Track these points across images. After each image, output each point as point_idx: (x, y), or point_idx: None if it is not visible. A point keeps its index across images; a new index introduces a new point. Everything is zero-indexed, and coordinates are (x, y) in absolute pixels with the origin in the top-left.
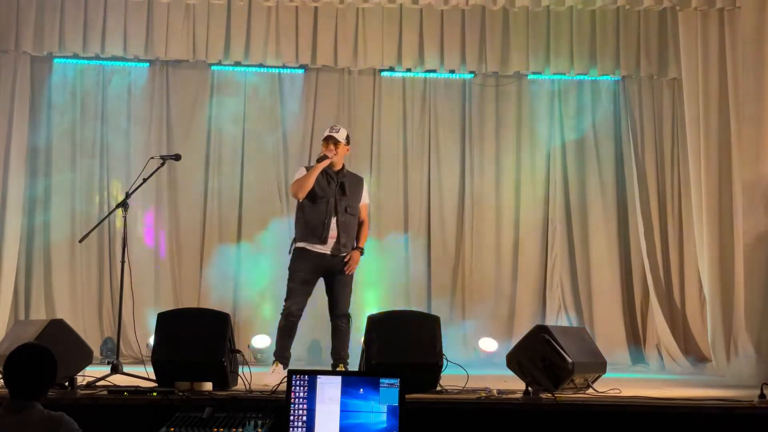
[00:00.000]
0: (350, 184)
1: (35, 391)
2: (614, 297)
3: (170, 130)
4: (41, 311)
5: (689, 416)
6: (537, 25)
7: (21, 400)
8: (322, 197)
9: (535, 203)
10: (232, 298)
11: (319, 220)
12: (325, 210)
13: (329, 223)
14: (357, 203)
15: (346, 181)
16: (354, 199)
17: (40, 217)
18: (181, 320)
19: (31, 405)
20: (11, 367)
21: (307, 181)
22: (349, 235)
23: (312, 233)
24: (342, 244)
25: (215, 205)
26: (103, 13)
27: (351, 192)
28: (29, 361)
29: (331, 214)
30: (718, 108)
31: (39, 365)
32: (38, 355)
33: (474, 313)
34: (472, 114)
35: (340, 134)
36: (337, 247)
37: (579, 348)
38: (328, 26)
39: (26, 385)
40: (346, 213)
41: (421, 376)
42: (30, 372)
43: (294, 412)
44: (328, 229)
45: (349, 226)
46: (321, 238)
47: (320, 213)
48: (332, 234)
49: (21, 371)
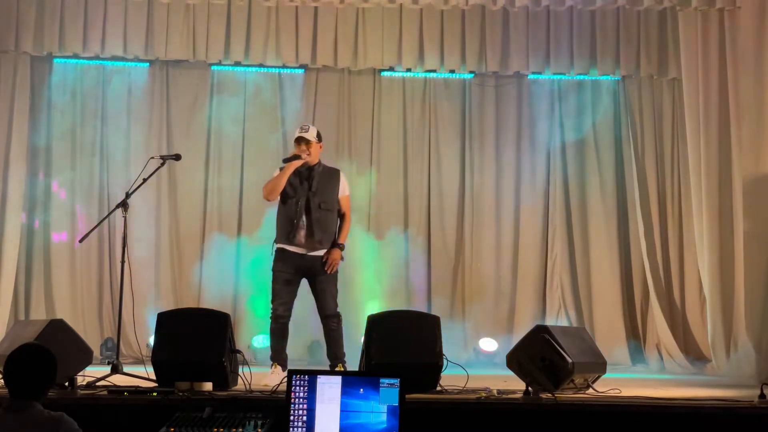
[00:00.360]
0: (322, 179)
1: (35, 391)
2: (614, 297)
3: (170, 130)
4: (41, 311)
5: (689, 416)
6: (537, 25)
7: (21, 400)
8: (292, 197)
9: (535, 203)
10: (232, 298)
11: (289, 221)
12: (294, 210)
13: (298, 223)
14: (333, 197)
15: (317, 176)
16: (328, 193)
17: (40, 216)
18: (181, 320)
19: (30, 405)
20: (11, 367)
21: (278, 183)
22: (326, 231)
23: (284, 234)
24: (318, 240)
25: (215, 205)
26: (103, 13)
27: (323, 187)
28: (29, 361)
29: (301, 214)
30: (718, 108)
31: (39, 365)
32: (38, 355)
33: (474, 313)
34: (472, 114)
35: (310, 133)
36: (312, 245)
37: (579, 348)
38: (328, 26)
39: (26, 385)
40: (321, 209)
41: (421, 376)
42: (30, 372)
43: (294, 412)
44: (297, 228)
45: (324, 222)
46: (289, 239)
47: (290, 213)
48: (303, 234)
49: (21, 371)
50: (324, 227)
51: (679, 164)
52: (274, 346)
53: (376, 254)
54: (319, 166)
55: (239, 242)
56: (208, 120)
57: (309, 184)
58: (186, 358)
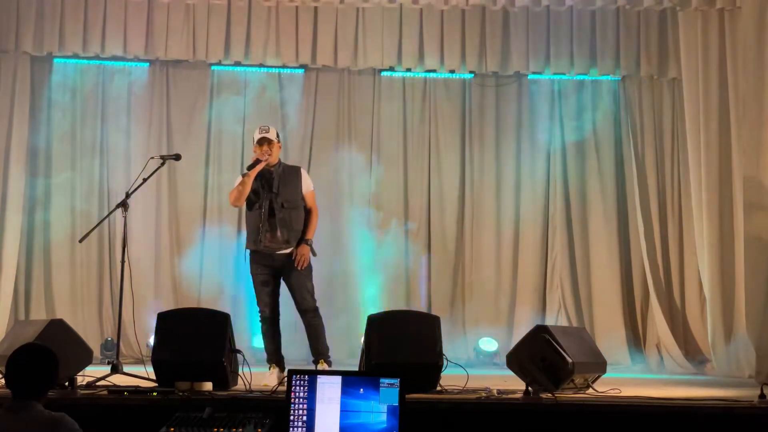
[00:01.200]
0: (282, 179)
1: (36, 391)
2: (614, 297)
3: (170, 130)
4: (41, 311)
5: (689, 416)
6: (537, 25)
7: (22, 401)
8: (255, 202)
9: (535, 203)
10: (232, 298)
11: (254, 226)
12: (258, 214)
13: (264, 226)
14: (295, 195)
15: (277, 177)
16: (290, 192)
17: (40, 216)
18: (181, 320)
19: (31, 405)
20: (13, 367)
21: (243, 190)
22: (291, 229)
23: (251, 238)
24: (285, 240)
25: (215, 205)
26: (103, 13)
27: (285, 186)
28: (30, 361)
29: (264, 217)
30: (718, 108)
31: (40, 365)
32: (40, 355)
33: (474, 313)
34: (472, 114)
35: (271, 133)
36: (279, 245)
37: (579, 348)
38: (328, 26)
39: (27, 385)
40: (284, 208)
41: (421, 376)
42: (31, 372)
43: (294, 412)
44: (263, 232)
45: (289, 221)
46: (256, 242)
47: (254, 218)
48: (268, 236)
49: (22, 371)
50: (289, 226)
51: (679, 164)
52: (268, 348)
53: (376, 254)
54: (279, 166)
55: (239, 242)
56: (208, 120)
57: (270, 185)
58: (186, 358)
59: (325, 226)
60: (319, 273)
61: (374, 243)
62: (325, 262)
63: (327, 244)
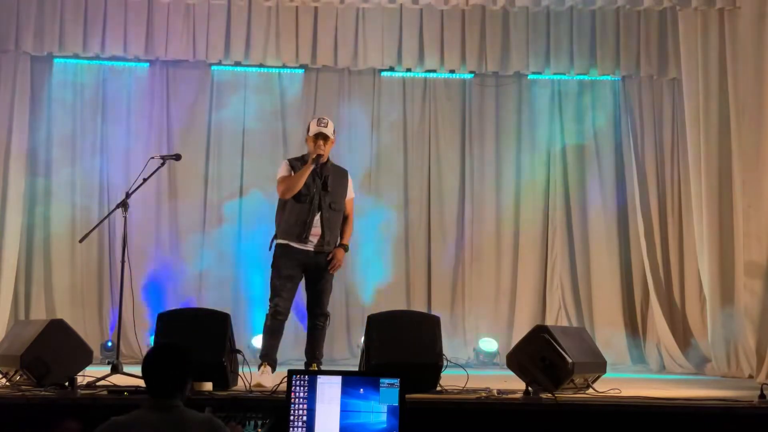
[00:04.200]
0: (334, 179)
1: (177, 389)
2: (614, 297)
3: (170, 130)
4: (41, 311)
5: (689, 416)
6: (537, 25)
7: (165, 400)
8: (306, 195)
9: (535, 203)
10: (232, 298)
11: (301, 220)
12: (308, 209)
13: (311, 222)
14: (342, 198)
15: (330, 176)
16: (338, 194)
17: (40, 217)
18: (181, 320)
19: (177, 404)
20: (152, 366)
21: (298, 182)
22: (333, 231)
23: (293, 232)
24: (326, 241)
25: (215, 205)
26: (103, 13)
27: (335, 187)
28: (168, 359)
29: (314, 213)
30: (718, 108)
31: (178, 363)
32: (176, 353)
33: (474, 313)
34: (472, 114)
35: (328, 129)
36: (320, 244)
37: (579, 348)
38: (328, 26)
39: (168, 383)
40: (331, 209)
41: (421, 376)
42: (170, 370)
43: (294, 412)
44: (310, 228)
45: (333, 222)
46: (301, 238)
47: (303, 212)
48: (315, 232)
49: (161, 370)
50: (332, 227)
51: (679, 164)
52: (267, 345)
53: (375, 254)
54: (329, 163)
55: (239, 242)
56: (208, 120)
57: (322, 182)
58: None
59: None
60: None
61: (374, 242)
62: None
63: None
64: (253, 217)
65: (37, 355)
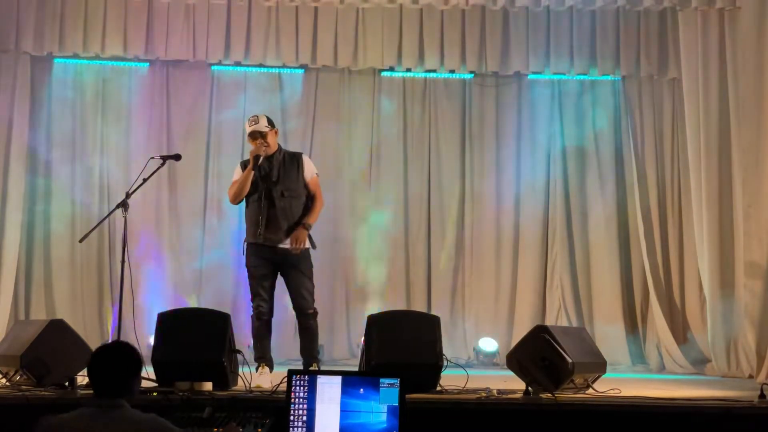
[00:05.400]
0: (283, 166)
1: (123, 389)
2: (614, 297)
3: (170, 130)
4: (41, 311)
5: (689, 416)
6: (537, 25)
7: (110, 399)
8: (253, 193)
9: (534, 203)
10: (231, 298)
11: (254, 218)
12: (257, 206)
13: (263, 219)
14: (296, 183)
15: (277, 165)
16: (290, 180)
17: (40, 217)
18: (181, 320)
19: (121, 404)
20: (97, 365)
21: (241, 188)
22: (291, 219)
23: (251, 231)
24: (284, 231)
25: (215, 205)
26: (103, 13)
27: (285, 174)
28: (115, 359)
29: (264, 209)
30: (718, 108)
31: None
32: (124, 353)
33: (474, 313)
34: (472, 114)
35: (260, 124)
36: (279, 237)
37: (579, 348)
38: (328, 26)
39: (114, 383)
40: (284, 197)
41: (421, 376)
42: (117, 369)
43: (294, 412)
44: (262, 223)
45: (290, 210)
46: (255, 235)
47: (253, 210)
48: (268, 227)
49: (108, 368)
50: (289, 216)
51: (679, 164)
52: (259, 347)
53: (375, 254)
54: (279, 153)
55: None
56: (208, 120)
57: (269, 174)
58: (186, 358)
59: (325, 226)
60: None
61: (374, 242)
62: (326, 262)
63: (327, 244)
64: None
65: (37, 355)
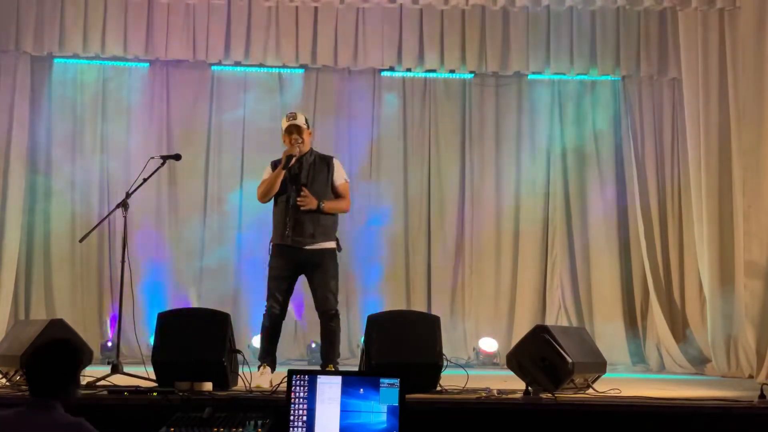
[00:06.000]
0: (313, 171)
1: (55, 389)
2: (614, 297)
3: (170, 130)
4: (41, 311)
5: (689, 416)
6: (537, 25)
7: (41, 400)
8: (282, 194)
9: (534, 203)
10: (232, 298)
11: (280, 219)
12: (285, 208)
13: (290, 220)
14: (325, 186)
15: (307, 167)
16: (319, 183)
17: (40, 217)
18: (181, 320)
19: (50, 406)
20: (31, 364)
21: (271, 186)
22: (318, 223)
23: (278, 231)
24: (309, 234)
25: (215, 205)
26: (103, 13)
27: (315, 177)
28: (49, 357)
29: (291, 211)
30: (718, 108)
31: (59, 360)
32: (59, 350)
33: (474, 313)
34: (472, 114)
35: (299, 120)
36: (305, 239)
37: (579, 348)
38: (328, 26)
39: (46, 382)
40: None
41: (421, 376)
42: (50, 368)
43: (294, 412)
44: (289, 225)
45: (316, 215)
46: (283, 237)
47: (280, 211)
48: (295, 229)
49: (41, 367)
50: (316, 220)
51: (679, 164)
52: (265, 346)
53: (375, 253)
54: (311, 155)
55: (239, 242)
56: (208, 120)
57: (298, 176)
58: (186, 358)
59: None
60: None
61: (374, 243)
62: None
63: None
64: (254, 218)
65: None
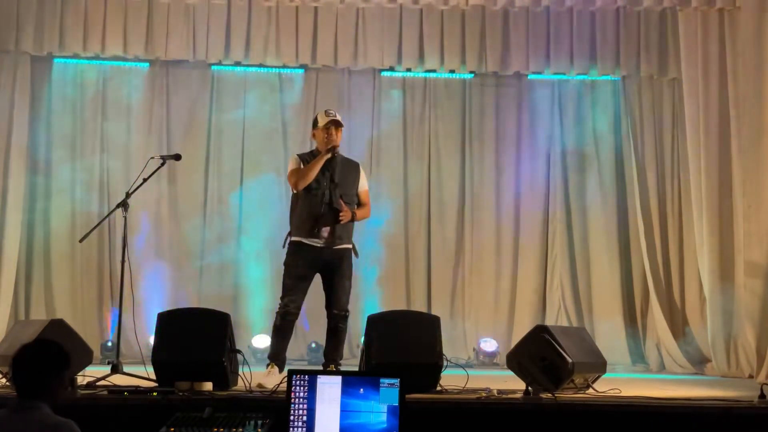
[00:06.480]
0: (344, 171)
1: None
2: (614, 297)
3: (170, 130)
4: (41, 311)
5: (689, 416)
6: (537, 25)
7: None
8: (316, 189)
9: (534, 203)
10: (232, 298)
11: (311, 214)
12: (319, 202)
13: (323, 216)
14: (353, 190)
15: (339, 168)
16: (349, 186)
17: (40, 217)
18: (181, 320)
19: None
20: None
21: (310, 172)
22: (345, 225)
23: (305, 227)
24: (338, 235)
25: (215, 205)
26: (103, 13)
27: (345, 180)
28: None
29: (325, 207)
30: (718, 108)
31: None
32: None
33: (474, 313)
34: (472, 114)
35: (339, 117)
36: (332, 239)
37: (579, 348)
38: (328, 26)
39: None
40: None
41: (421, 376)
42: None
43: (294, 412)
44: (321, 222)
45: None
46: (312, 233)
47: (314, 206)
48: (325, 228)
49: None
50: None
51: (679, 164)
52: (276, 346)
53: (375, 254)
54: (339, 155)
55: (239, 242)
56: (208, 120)
57: (331, 175)
58: (186, 358)
59: None
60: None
61: (374, 243)
62: None
63: None
64: (254, 218)
65: None
